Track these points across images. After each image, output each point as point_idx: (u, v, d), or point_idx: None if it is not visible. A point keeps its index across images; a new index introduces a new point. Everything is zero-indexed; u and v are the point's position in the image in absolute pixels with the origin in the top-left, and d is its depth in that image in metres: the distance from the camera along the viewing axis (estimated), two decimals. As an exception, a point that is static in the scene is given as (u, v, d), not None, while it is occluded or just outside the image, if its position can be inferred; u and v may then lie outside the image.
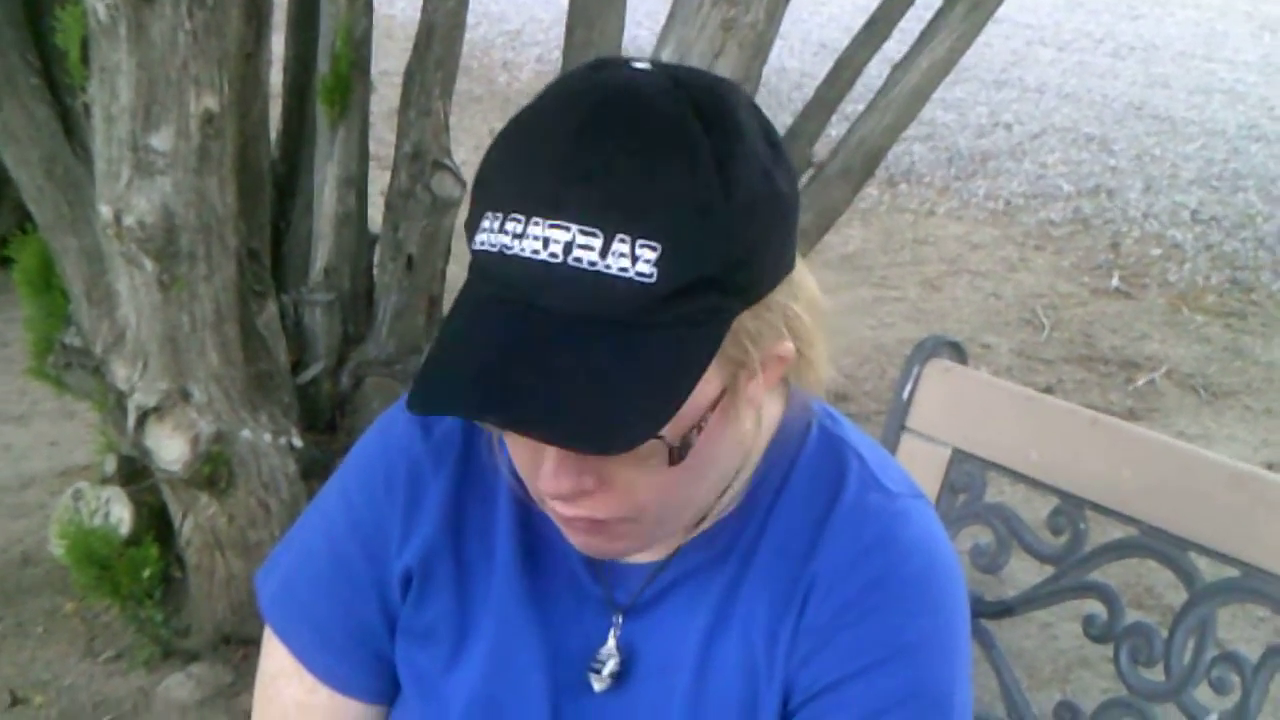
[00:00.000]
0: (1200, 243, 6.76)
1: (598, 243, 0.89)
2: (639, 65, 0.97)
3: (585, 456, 0.97)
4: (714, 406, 1.00)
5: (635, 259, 0.89)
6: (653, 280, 0.90)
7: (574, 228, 0.89)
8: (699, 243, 0.91)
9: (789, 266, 1.01)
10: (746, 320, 0.97)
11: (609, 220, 0.89)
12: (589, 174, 0.90)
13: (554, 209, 0.90)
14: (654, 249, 0.89)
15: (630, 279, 0.89)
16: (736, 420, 1.04)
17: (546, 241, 0.90)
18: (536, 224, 0.90)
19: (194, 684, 3.00)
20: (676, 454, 0.99)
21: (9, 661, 3.12)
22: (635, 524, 1.07)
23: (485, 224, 0.94)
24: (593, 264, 0.89)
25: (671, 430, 0.95)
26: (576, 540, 1.10)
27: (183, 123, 2.44)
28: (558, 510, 1.06)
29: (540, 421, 0.92)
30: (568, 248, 0.89)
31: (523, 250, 0.91)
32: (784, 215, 0.98)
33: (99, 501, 3.14)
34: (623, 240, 0.89)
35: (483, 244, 0.94)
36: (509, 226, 0.92)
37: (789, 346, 1.04)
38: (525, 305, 0.92)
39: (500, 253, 0.92)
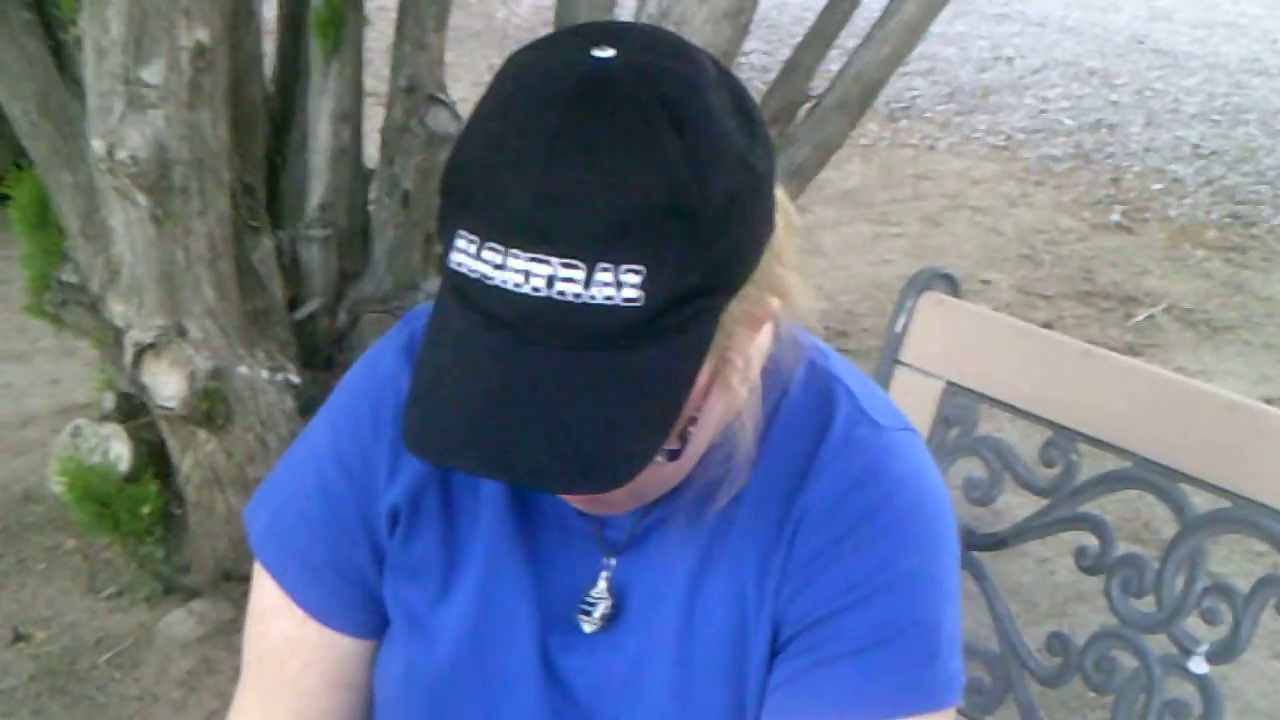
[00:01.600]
0: (1201, 177, 6.74)
1: (580, 274, 0.87)
2: (601, 53, 0.91)
3: None
4: (706, 393, 0.99)
5: (620, 285, 0.87)
6: (640, 304, 0.88)
7: (555, 260, 0.87)
8: (683, 256, 0.88)
9: (769, 233, 0.98)
10: (733, 306, 0.96)
11: (589, 249, 0.87)
12: (562, 199, 0.87)
13: (532, 240, 0.87)
14: (638, 273, 0.87)
15: (616, 306, 0.88)
16: (728, 390, 1.03)
17: (528, 275, 0.87)
18: (516, 256, 0.88)
19: (195, 620, 3.03)
20: (675, 453, 1.00)
21: (11, 598, 3.14)
22: (632, 493, 1.07)
23: (461, 244, 0.91)
24: (577, 295, 0.87)
25: (669, 439, 0.95)
26: (571, 502, 1.11)
27: (174, 56, 2.42)
28: None
29: (539, 475, 0.91)
30: (550, 281, 0.87)
31: (504, 282, 0.88)
32: (764, 194, 0.96)
33: (98, 439, 3.14)
34: (605, 269, 0.87)
35: (460, 265, 0.91)
36: (487, 255, 0.89)
37: (774, 303, 1.02)
38: (511, 339, 0.90)
39: (480, 281, 0.90)
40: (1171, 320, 5.13)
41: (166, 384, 2.70)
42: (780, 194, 1.01)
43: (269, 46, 3.48)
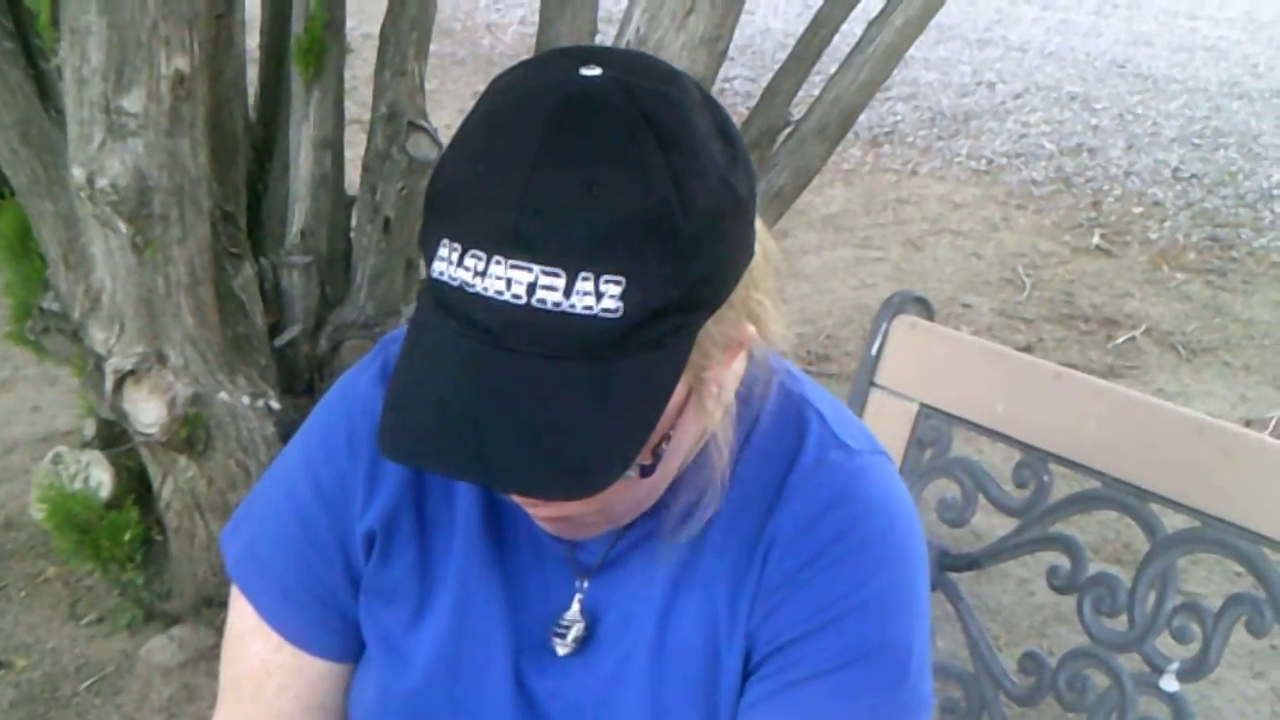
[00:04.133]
0: (1181, 200, 6.77)
1: (561, 283, 0.88)
2: (588, 72, 0.93)
3: None
4: (680, 412, 1.00)
5: (600, 296, 0.88)
6: (618, 316, 0.89)
7: (536, 268, 0.88)
8: (663, 270, 0.89)
9: (749, 258, 0.99)
10: (710, 326, 0.97)
11: (570, 259, 0.88)
12: (546, 209, 0.88)
13: (514, 248, 0.88)
14: (618, 284, 0.88)
15: (595, 316, 0.88)
16: (702, 412, 1.04)
17: (509, 282, 0.88)
18: (498, 263, 0.88)
19: (176, 646, 3.02)
20: (648, 469, 1.00)
21: (-8, 625, 3.13)
22: (603, 515, 1.09)
23: (443, 253, 0.92)
24: (557, 304, 0.88)
25: (643, 453, 0.96)
26: (544, 525, 1.12)
27: (154, 84, 2.42)
28: (525, 508, 1.08)
29: (514, 478, 0.92)
30: (531, 289, 0.88)
31: (485, 290, 0.89)
32: (744, 216, 0.97)
33: (79, 465, 3.14)
34: (585, 279, 0.88)
35: (441, 274, 0.92)
36: (468, 262, 0.90)
37: (750, 330, 1.03)
38: (490, 346, 0.91)
39: (461, 289, 0.91)
40: (1151, 343, 5.15)
41: (147, 411, 2.70)
42: (758, 224, 1.02)
43: (252, 74, 3.49)
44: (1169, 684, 1.49)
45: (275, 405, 2.93)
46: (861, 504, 1.14)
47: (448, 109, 7.21)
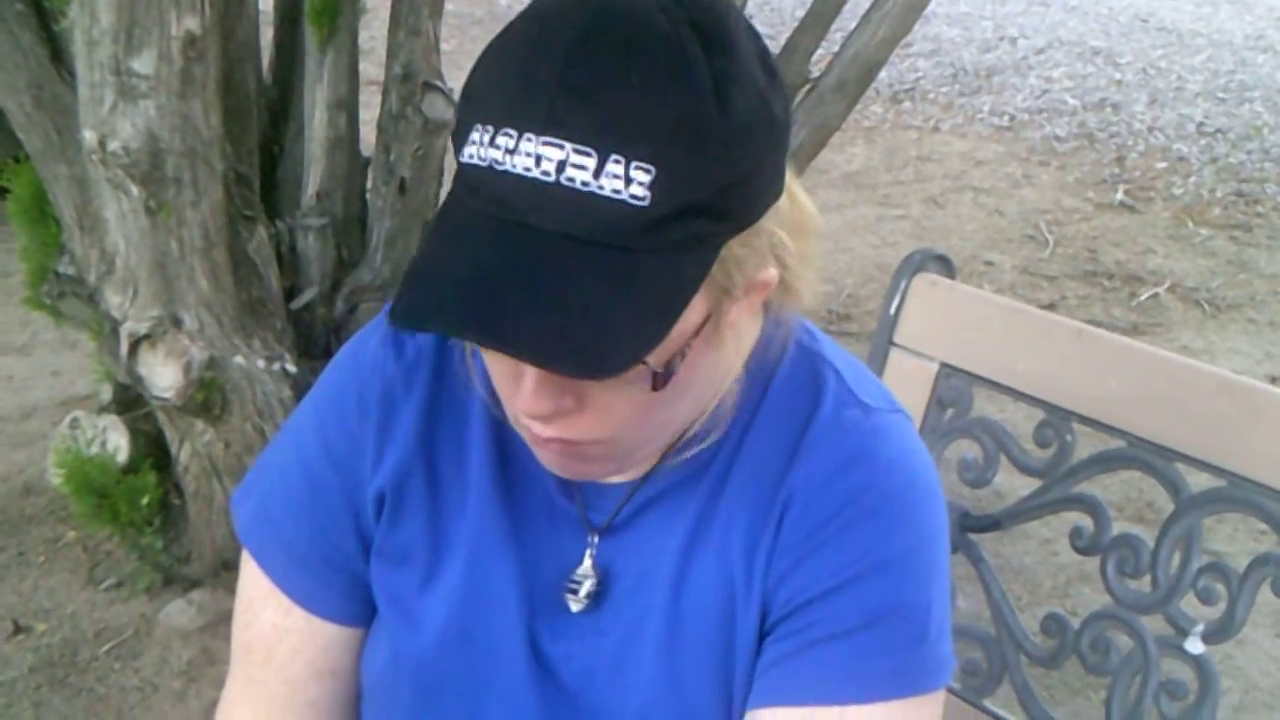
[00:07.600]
0: (1206, 155, 6.71)
1: (591, 162, 0.87)
2: None
3: (566, 377, 0.95)
4: (698, 333, 0.99)
5: (629, 181, 0.87)
6: (645, 204, 0.88)
7: (568, 146, 0.87)
8: (694, 167, 0.89)
9: (778, 193, 0.99)
10: (735, 246, 0.95)
11: (604, 140, 0.87)
12: (584, 90, 0.88)
13: (547, 125, 0.88)
14: (648, 172, 0.87)
15: (623, 201, 0.87)
16: (719, 346, 1.03)
17: (539, 159, 0.88)
18: (529, 140, 0.88)
19: (195, 610, 3.02)
20: (660, 380, 0.98)
21: (11, 590, 3.14)
22: (610, 446, 1.06)
23: (475, 136, 0.91)
24: (585, 184, 0.87)
25: (656, 356, 0.94)
26: (549, 462, 1.09)
27: (164, 45, 2.41)
28: (532, 430, 1.04)
29: (527, 344, 0.90)
30: (560, 166, 0.87)
31: (514, 167, 0.89)
32: (777, 141, 0.96)
33: (96, 430, 3.14)
34: (617, 161, 0.87)
35: (471, 157, 0.91)
36: (500, 141, 0.89)
37: (773, 273, 1.02)
38: (515, 223, 0.90)
39: (490, 168, 0.90)
40: (1176, 299, 5.12)
41: (162, 375, 2.69)
42: (790, 177, 1.02)
43: (268, 36, 3.48)
44: (1194, 646, 1.47)
45: (291, 368, 2.92)
46: (879, 462, 1.12)
47: (464, 69, 7.15)
